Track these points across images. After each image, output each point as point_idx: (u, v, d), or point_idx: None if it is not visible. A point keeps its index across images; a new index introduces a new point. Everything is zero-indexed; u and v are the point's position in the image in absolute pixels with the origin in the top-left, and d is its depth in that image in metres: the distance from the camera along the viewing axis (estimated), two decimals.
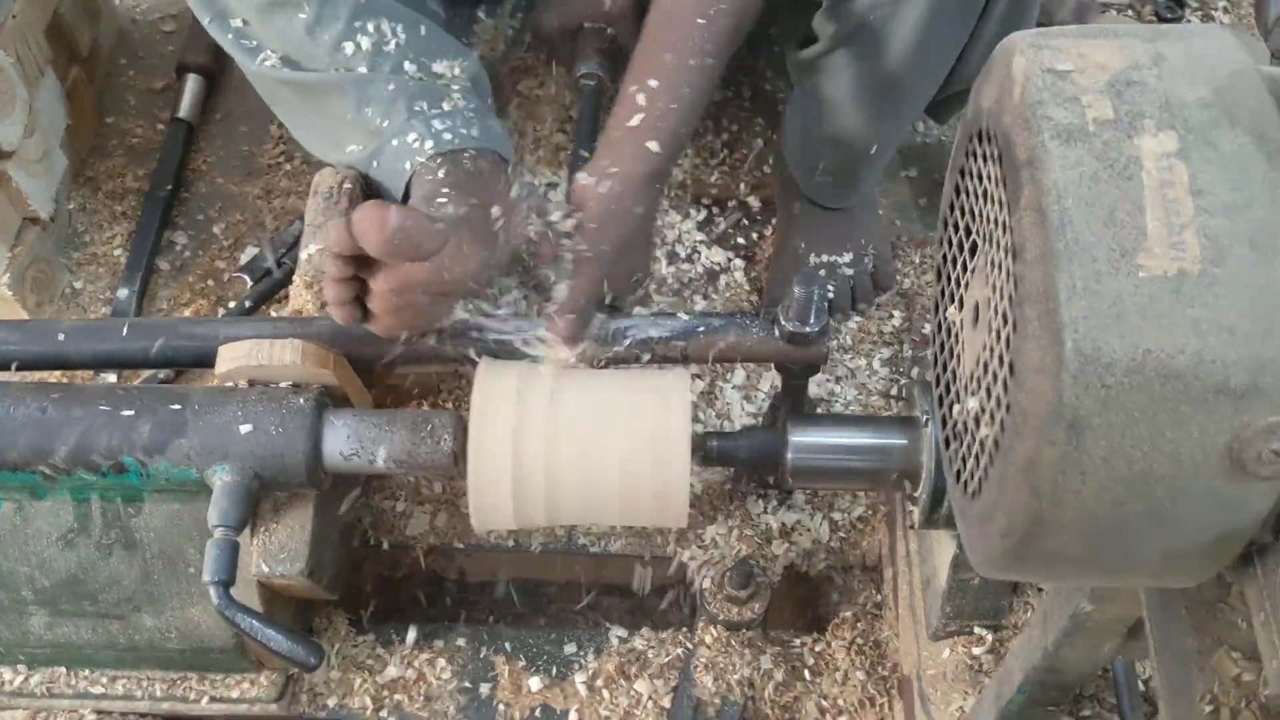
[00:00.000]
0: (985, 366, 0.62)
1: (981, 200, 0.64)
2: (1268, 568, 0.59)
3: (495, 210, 1.09)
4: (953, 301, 0.71)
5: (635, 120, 1.13)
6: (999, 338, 0.59)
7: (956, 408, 0.68)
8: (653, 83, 1.14)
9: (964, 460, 0.66)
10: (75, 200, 1.64)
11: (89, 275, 1.58)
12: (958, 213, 0.70)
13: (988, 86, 0.63)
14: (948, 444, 0.70)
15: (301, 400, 1.07)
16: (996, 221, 0.61)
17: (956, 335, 0.69)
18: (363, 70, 1.17)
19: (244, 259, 1.60)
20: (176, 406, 1.06)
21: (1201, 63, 0.57)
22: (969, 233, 0.68)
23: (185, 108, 1.71)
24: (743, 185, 1.69)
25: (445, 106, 1.17)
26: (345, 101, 1.18)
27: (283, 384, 1.08)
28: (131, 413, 1.06)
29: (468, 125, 1.17)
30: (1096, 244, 0.52)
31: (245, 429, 1.05)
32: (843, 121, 1.34)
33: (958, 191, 0.70)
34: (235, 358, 1.07)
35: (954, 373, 0.70)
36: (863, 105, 1.32)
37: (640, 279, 1.17)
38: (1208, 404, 0.52)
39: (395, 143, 1.16)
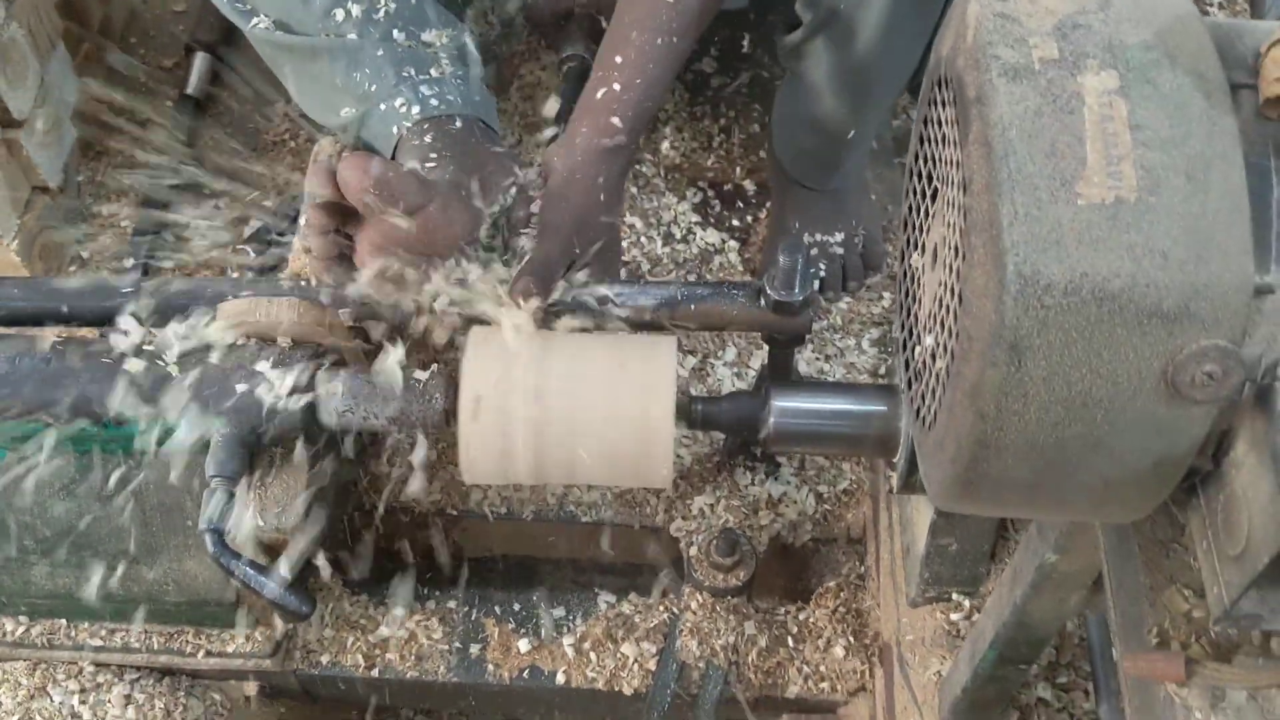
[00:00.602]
0: (940, 302, 0.64)
1: (940, 145, 0.67)
2: (1209, 495, 0.62)
3: (478, 176, 1.13)
4: (914, 248, 0.73)
5: (600, 94, 1.17)
6: (951, 270, 0.62)
7: (918, 349, 0.71)
8: (618, 59, 1.17)
9: (923, 398, 0.68)
10: (84, 173, 1.67)
11: (97, 245, 1.62)
12: (920, 161, 0.73)
13: (946, 34, 0.66)
14: (910, 385, 0.72)
15: (298, 356, 1.09)
16: (951, 161, 0.64)
17: (918, 280, 0.71)
18: (352, 37, 1.20)
19: (247, 232, 1.63)
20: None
21: (1146, 8, 0.60)
22: (930, 179, 0.71)
23: (193, 84, 1.75)
24: (738, 169, 1.72)
25: (433, 73, 1.20)
26: (335, 66, 1.21)
27: (280, 341, 1.11)
28: (133, 366, 1.09)
29: (455, 92, 1.20)
30: (1038, 173, 0.55)
31: (242, 384, 1.08)
32: (822, 106, 1.39)
33: (921, 140, 0.73)
34: (235, 314, 1.10)
35: (915, 316, 0.72)
36: (839, 91, 1.36)
37: (609, 249, 1.19)
38: (1142, 326, 0.54)
39: (383, 107, 1.19)
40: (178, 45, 1.82)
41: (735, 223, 1.67)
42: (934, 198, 0.70)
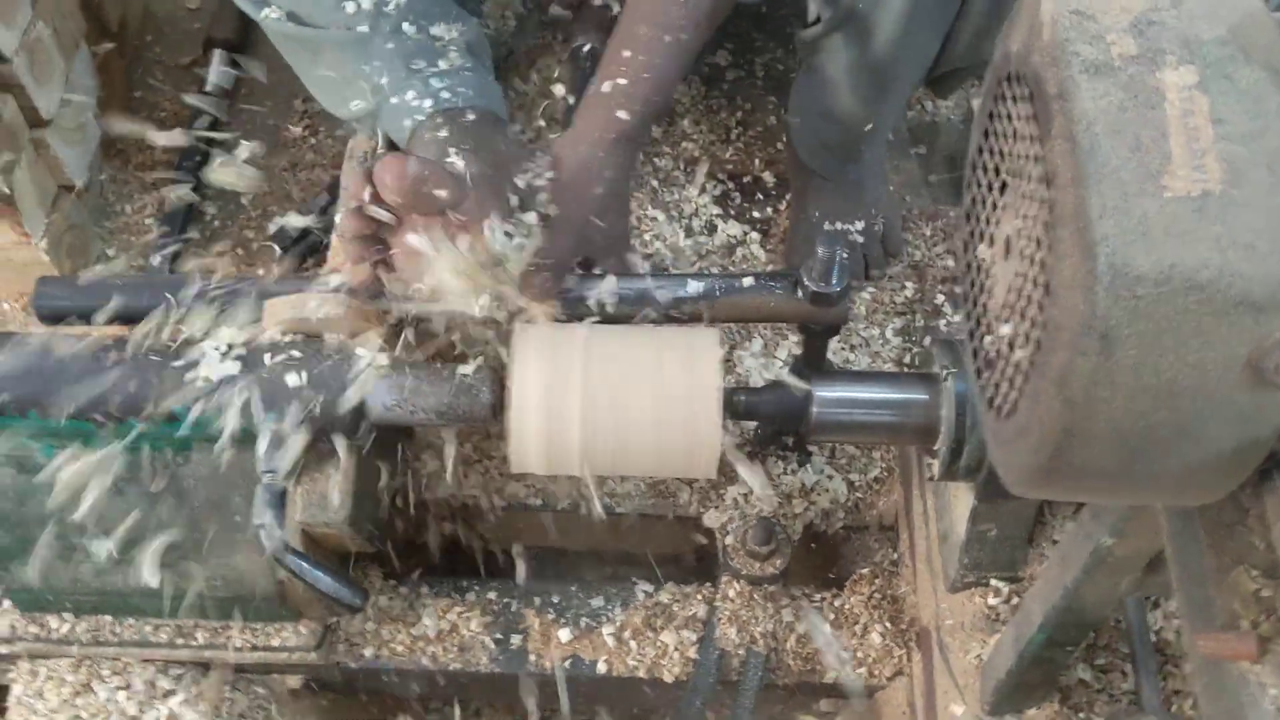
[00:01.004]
0: (1019, 292, 0.66)
1: (1011, 139, 0.68)
2: None
3: (499, 168, 1.13)
4: (982, 240, 0.75)
5: (607, 88, 1.19)
6: (1033, 262, 0.63)
7: (989, 338, 0.72)
8: (626, 54, 1.19)
9: (996, 386, 0.70)
10: (106, 171, 1.68)
11: (121, 243, 1.63)
12: (986, 155, 0.74)
13: (1015, 31, 0.67)
14: (979, 374, 0.74)
15: (346, 352, 1.10)
16: (1027, 156, 0.65)
17: (987, 271, 0.73)
18: (363, 29, 1.21)
19: (272, 229, 1.64)
20: None
21: (1216, 4, 0.61)
22: (998, 173, 0.72)
23: (212, 82, 1.75)
24: (757, 160, 1.73)
25: (442, 65, 1.22)
26: (345, 58, 1.22)
27: (327, 337, 1.12)
28: (182, 363, 1.10)
29: (465, 84, 1.21)
30: (1124, 167, 0.56)
31: (292, 380, 1.09)
32: (840, 100, 1.40)
33: (986, 135, 0.74)
34: (281, 311, 1.11)
35: (984, 306, 0.74)
36: (856, 86, 1.38)
37: (617, 242, 1.21)
38: (1229, 316, 0.56)
39: (395, 100, 1.20)
40: (195, 43, 1.83)
41: (756, 214, 1.68)
42: (1002, 191, 0.71)
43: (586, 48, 1.62)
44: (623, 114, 1.18)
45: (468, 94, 1.20)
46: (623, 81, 1.18)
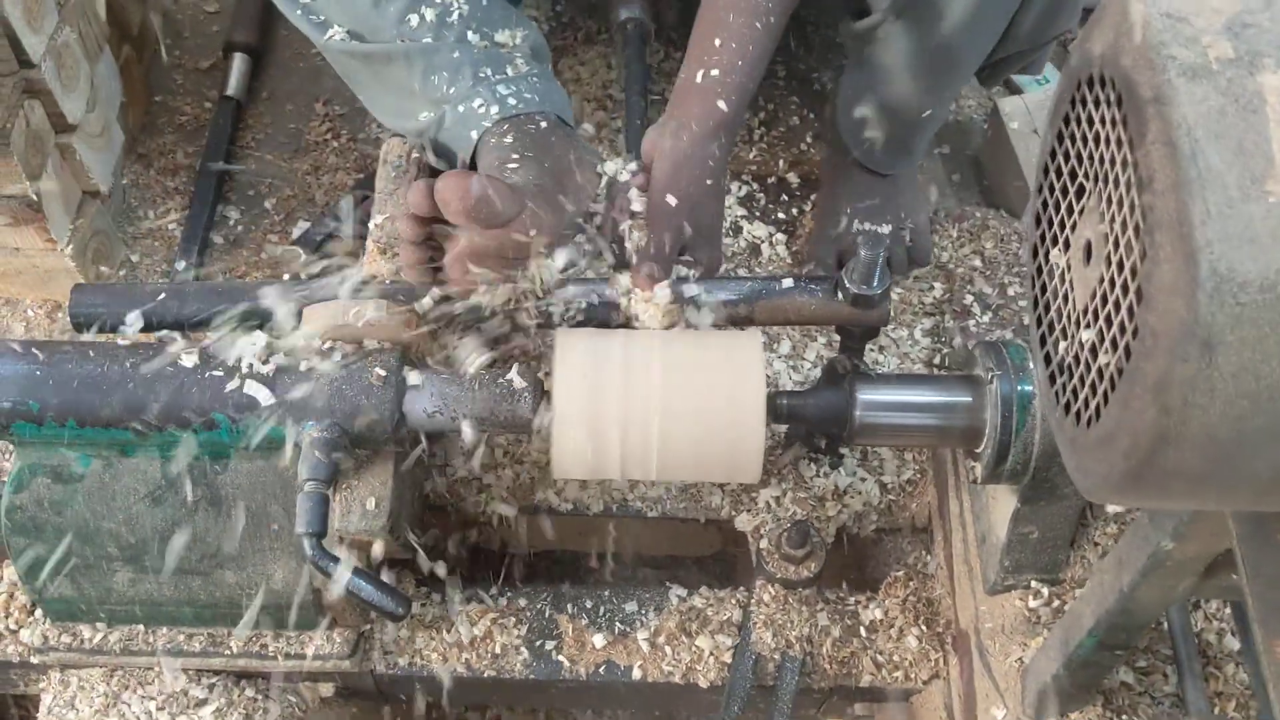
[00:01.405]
0: (1104, 298, 0.65)
1: (1092, 143, 0.68)
2: None
3: (563, 176, 1.13)
4: (1055, 244, 0.74)
5: (700, 77, 1.18)
6: (1121, 268, 0.63)
7: (1063, 344, 0.72)
8: (717, 42, 1.18)
9: (1075, 392, 0.69)
10: (129, 176, 1.67)
11: (145, 249, 1.61)
12: (1060, 159, 0.73)
13: (1099, 33, 0.66)
14: (1053, 380, 0.73)
15: (386, 358, 1.10)
16: (1114, 160, 0.64)
17: (1063, 275, 0.72)
18: (428, 40, 1.20)
19: (296, 233, 1.63)
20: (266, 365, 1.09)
21: None
22: (1074, 176, 0.71)
23: (233, 86, 1.74)
24: (781, 161, 1.73)
25: (509, 72, 1.21)
26: (412, 71, 1.22)
27: (367, 343, 1.11)
28: (222, 371, 1.09)
29: (532, 90, 1.20)
30: (1227, 172, 0.56)
31: (332, 387, 1.08)
32: (897, 89, 1.39)
33: (1060, 139, 0.73)
34: (321, 317, 1.10)
35: (1059, 311, 0.73)
36: (917, 73, 1.36)
37: (714, 232, 1.20)
38: None
39: (461, 109, 1.19)
40: (214, 46, 1.82)
41: (780, 215, 1.68)
42: (1080, 195, 0.71)
43: (628, 19, 1.60)
44: (721, 104, 1.17)
45: (534, 100, 1.19)
46: (716, 72, 1.17)
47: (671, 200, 1.14)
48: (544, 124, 1.19)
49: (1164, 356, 0.58)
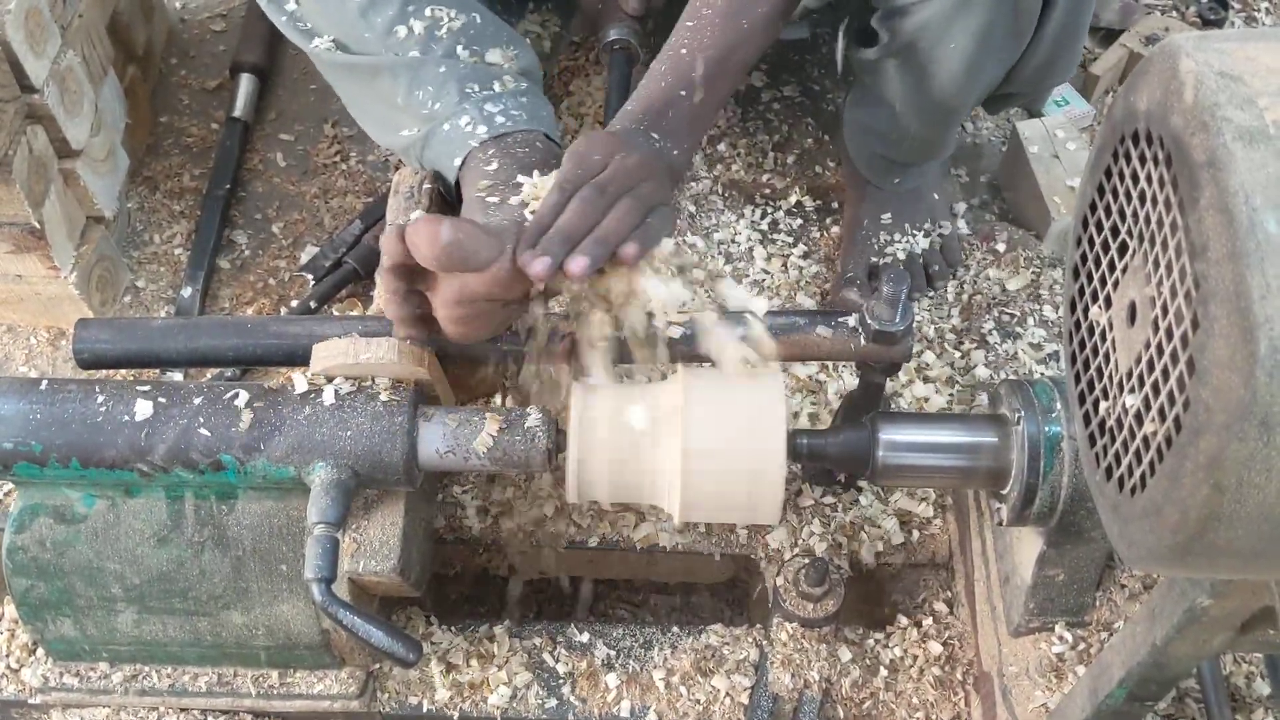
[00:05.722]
0: (1150, 364, 0.62)
1: (1137, 201, 0.65)
2: None
3: None
4: (1095, 300, 0.71)
5: (670, 54, 1.14)
6: (1170, 335, 0.60)
7: (1104, 405, 0.69)
8: (690, 24, 1.14)
9: (1117, 457, 0.67)
10: (134, 199, 1.65)
11: (150, 274, 1.59)
12: (1101, 213, 0.71)
13: (1146, 88, 0.64)
14: (1092, 441, 0.71)
15: (398, 397, 1.07)
16: (1161, 222, 0.62)
17: (1104, 334, 0.70)
18: (415, 54, 1.18)
19: (304, 258, 1.60)
20: (275, 405, 1.07)
21: None
22: (1115, 233, 0.69)
23: (240, 107, 1.72)
24: (796, 185, 1.70)
25: (496, 88, 1.19)
26: (397, 84, 1.19)
27: (378, 381, 1.08)
28: (229, 412, 1.06)
29: (519, 108, 1.18)
30: None
31: (343, 426, 1.05)
32: (896, 121, 1.39)
33: (1101, 192, 0.71)
34: (330, 355, 1.08)
35: (1099, 370, 0.70)
36: (913, 112, 1.36)
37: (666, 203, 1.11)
38: None
39: (447, 127, 1.17)
40: (220, 66, 1.79)
41: (795, 239, 1.65)
42: (1121, 252, 0.68)
43: (615, 40, 1.58)
44: (695, 74, 1.12)
45: (521, 117, 1.17)
46: (684, 51, 1.13)
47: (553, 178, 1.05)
48: (530, 142, 1.16)
49: (1218, 433, 0.55)
